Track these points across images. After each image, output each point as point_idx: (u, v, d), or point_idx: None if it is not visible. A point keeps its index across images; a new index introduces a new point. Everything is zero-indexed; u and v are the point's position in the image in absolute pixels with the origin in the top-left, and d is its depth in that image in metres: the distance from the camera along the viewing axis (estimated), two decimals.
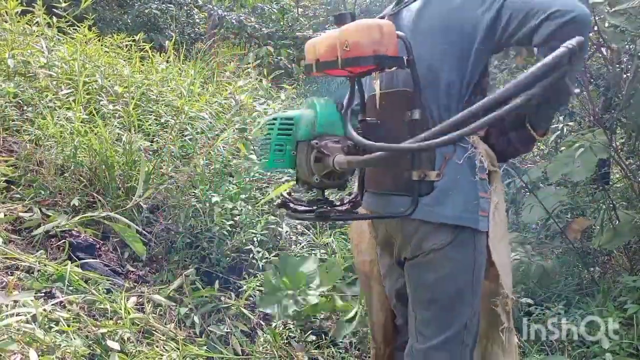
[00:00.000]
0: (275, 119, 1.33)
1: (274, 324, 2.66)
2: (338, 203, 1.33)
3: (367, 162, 1.17)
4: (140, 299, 2.42)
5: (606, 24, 2.20)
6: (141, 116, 3.62)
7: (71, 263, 2.33)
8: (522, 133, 1.30)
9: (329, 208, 1.28)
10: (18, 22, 3.96)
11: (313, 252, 3.22)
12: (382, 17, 1.39)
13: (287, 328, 2.66)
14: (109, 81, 3.82)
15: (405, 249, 1.39)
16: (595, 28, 2.23)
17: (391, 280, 1.56)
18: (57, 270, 2.26)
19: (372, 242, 1.59)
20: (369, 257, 1.63)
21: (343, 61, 1.21)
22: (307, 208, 1.33)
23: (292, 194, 1.40)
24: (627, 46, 2.75)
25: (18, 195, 2.74)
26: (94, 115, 3.16)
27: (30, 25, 4.16)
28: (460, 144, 1.30)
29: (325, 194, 1.36)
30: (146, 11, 7.30)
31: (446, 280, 1.33)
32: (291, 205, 1.34)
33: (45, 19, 4.16)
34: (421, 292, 1.38)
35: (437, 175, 1.27)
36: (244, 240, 2.99)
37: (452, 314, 1.34)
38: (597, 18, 2.17)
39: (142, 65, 4.47)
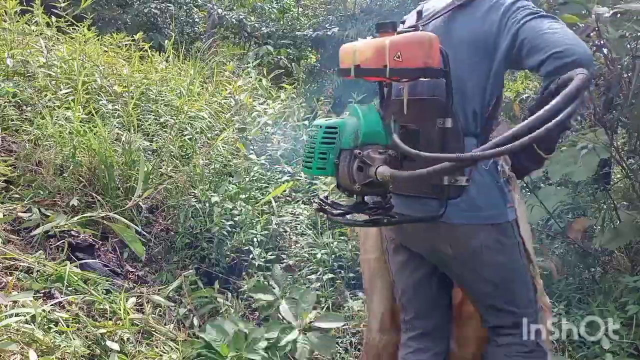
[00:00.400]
0: (319, 126, 1.35)
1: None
2: (376, 207, 1.36)
3: (411, 177, 1.18)
4: (140, 300, 2.42)
5: (608, 33, 2.20)
6: (140, 116, 3.62)
7: (70, 263, 2.32)
8: (530, 154, 1.39)
9: (377, 213, 1.33)
10: (17, 21, 3.96)
11: (313, 252, 3.21)
12: (413, 28, 1.43)
13: None
14: (108, 81, 3.82)
15: (443, 249, 1.47)
16: (596, 28, 2.22)
17: (405, 274, 1.62)
18: (56, 270, 2.25)
19: (377, 240, 1.68)
20: (373, 255, 1.72)
21: (392, 70, 1.26)
22: (349, 213, 1.38)
23: (329, 197, 1.45)
24: (627, 45, 2.74)
25: (17, 195, 2.74)
26: (93, 115, 3.16)
27: (29, 24, 4.16)
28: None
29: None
30: (145, 10, 7.29)
31: (503, 269, 1.47)
32: (329, 209, 1.39)
33: (44, 18, 4.15)
34: (483, 287, 1.49)
35: (467, 180, 1.34)
36: (243, 240, 2.98)
37: (514, 297, 1.49)
38: (599, 24, 2.17)
39: (142, 64, 4.46)
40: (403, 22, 1.56)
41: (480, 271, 1.47)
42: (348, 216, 1.40)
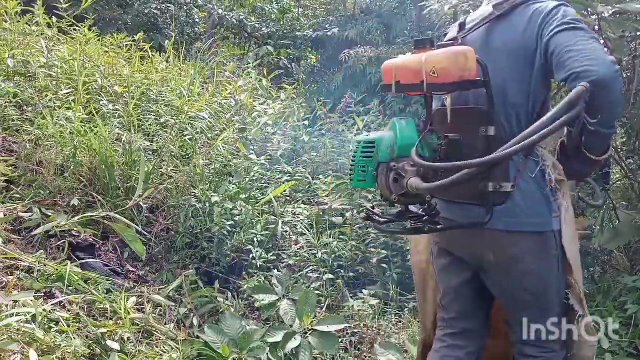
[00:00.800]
0: (359, 142, 1.46)
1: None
2: (423, 214, 1.42)
3: (441, 187, 1.23)
4: (140, 299, 2.42)
5: (609, 32, 2.21)
6: (141, 116, 3.62)
7: (71, 263, 2.33)
8: (582, 158, 1.42)
9: (422, 221, 1.41)
10: (18, 22, 3.96)
11: (313, 252, 3.22)
12: (452, 40, 1.48)
13: None
14: (109, 81, 3.83)
15: (485, 255, 1.50)
16: (598, 27, 2.23)
17: (448, 278, 1.67)
18: (57, 270, 2.26)
19: (428, 243, 1.73)
20: (425, 257, 1.77)
21: (429, 85, 1.32)
22: (394, 222, 1.47)
23: (375, 207, 1.54)
24: (627, 44, 2.74)
25: (18, 195, 2.74)
26: (93, 115, 3.16)
27: (30, 25, 4.17)
28: (531, 157, 1.43)
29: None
30: (146, 11, 7.30)
31: (542, 279, 1.48)
32: (376, 218, 1.48)
33: (45, 19, 4.16)
34: (519, 294, 1.51)
35: (512, 186, 1.36)
36: (244, 240, 2.99)
37: (549, 306, 1.50)
38: (601, 23, 2.18)
39: (142, 65, 4.47)
40: (445, 35, 1.62)
41: (519, 279, 1.48)
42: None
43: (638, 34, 2.41)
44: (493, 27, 1.47)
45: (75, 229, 2.63)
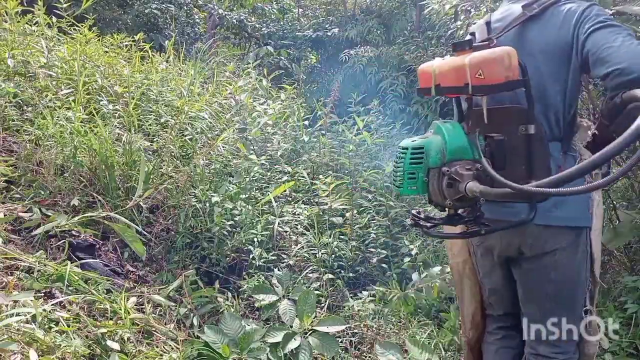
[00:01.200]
0: (405, 148, 1.40)
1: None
2: (471, 218, 1.40)
3: (501, 195, 1.20)
4: (140, 299, 2.42)
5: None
6: (141, 116, 3.63)
7: (71, 263, 2.33)
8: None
9: (477, 224, 1.39)
10: (18, 22, 3.97)
11: (313, 252, 3.22)
12: (487, 41, 1.46)
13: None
14: (109, 81, 3.83)
15: (521, 250, 1.54)
16: None
17: (493, 277, 1.71)
18: (57, 270, 2.26)
19: (463, 245, 1.77)
20: (461, 258, 1.80)
21: (475, 87, 1.32)
22: (440, 224, 1.46)
23: (421, 212, 1.50)
24: None
25: (18, 195, 2.74)
26: (93, 115, 3.17)
27: (30, 25, 4.17)
28: (569, 152, 1.49)
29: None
30: (146, 11, 7.30)
31: (571, 274, 1.52)
32: (423, 223, 1.46)
33: (45, 19, 4.16)
34: (547, 287, 1.54)
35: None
36: (243, 240, 2.99)
37: (574, 300, 1.55)
38: None
39: (142, 65, 4.47)
40: (472, 34, 1.60)
41: (548, 272, 1.52)
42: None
43: (637, 34, 2.41)
44: (525, 28, 1.49)
45: (75, 229, 2.63)
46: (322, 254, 3.19)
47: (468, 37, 1.53)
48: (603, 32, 1.31)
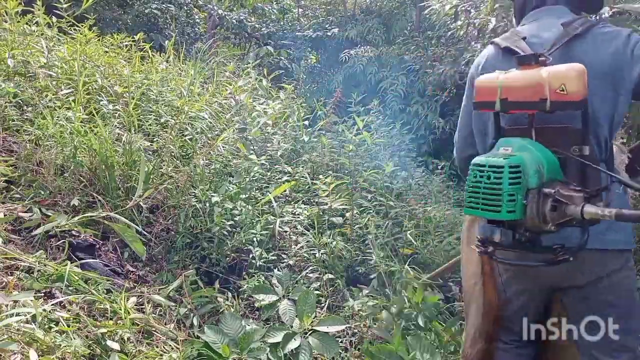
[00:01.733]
0: (500, 167, 1.25)
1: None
2: (560, 245, 1.32)
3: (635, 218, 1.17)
4: (140, 299, 2.42)
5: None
6: (141, 116, 3.63)
7: (71, 263, 2.33)
8: None
9: (566, 251, 1.30)
10: (18, 22, 3.96)
11: (313, 252, 3.22)
12: (540, 57, 1.39)
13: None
14: (109, 81, 3.83)
15: (570, 279, 1.49)
16: None
17: (520, 301, 1.64)
18: (57, 270, 2.26)
19: (478, 268, 1.70)
20: (473, 281, 1.75)
21: (553, 103, 1.27)
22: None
23: (486, 237, 1.38)
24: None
25: (18, 195, 2.74)
26: (93, 115, 3.16)
27: (30, 25, 4.17)
28: (616, 175, 1.45)
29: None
30: (146, 11, 7.30)
31: (627, 296, 1.50)
32: (495, 252, 1.36)
33: (45, 19, 4.16)
34: (607, 311, 1.49)
35: (606, 205, 1.31)
36: (243, 240, 2.99)
37: (633, 323, 1.50)
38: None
39: (142, 65, 4.47)
40: (508, 49, 1.55)
41: (605, 296, 1.48)
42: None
43: (637, 32, 2.41)
44: (570, 47, 1.45)
45: (75, 229, 2.63)
46: (322, 254, 3.19)
47: (503, 50, 1.53)
48: None
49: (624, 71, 1.38)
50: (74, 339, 1.90)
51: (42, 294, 2.14)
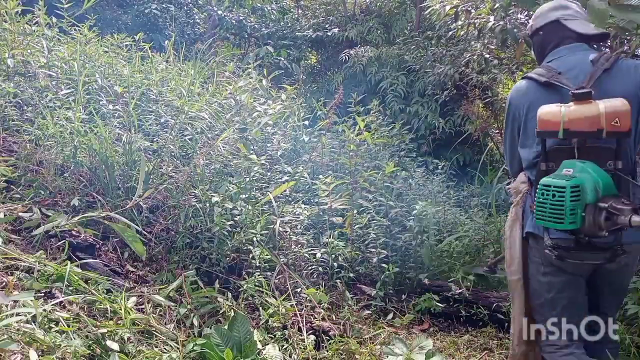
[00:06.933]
0: (563, 187, 1.57)
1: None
2: (615, 244, 1.67)
3: None
4: (140, 299, 2.42)
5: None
6: (141, 116, 3.62)
7: (71, 263, 2.33)
8: None
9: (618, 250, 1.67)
10: (18, 22, 3.96)
11: (313, 252, 3.22)
12: (582, 89, 1.68)
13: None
14: (109, 81, 3.83)
15: (615, 263, 1.73)
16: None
17: (567, 293, 1.86)
18: (57, 270, 2.26)
19: (520, 264, 1.92)
20: (517, 277, 1.93)
21: (609, 133, 1.60)
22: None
23: (551, 239, 1.71)
24: (625, 47, 2.76)
25: (18, 195, 2.74)
26: (93, 115, 3.16)
27: (30, 25, 4.17)
28: (638, 183, 1.73)
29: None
30: (146, 11, 7.30)
31: (629, 277, 1.91)
32: (562, 252, 1.68)
33: (45, 19, 4.16)
34: (625, 284, 1.90)
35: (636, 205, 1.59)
36: (243, 240, 2.99)
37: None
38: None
39: (142, 65, 4.47)
40: (548, 84, 1.81)
41: (622, 281, 1.86)
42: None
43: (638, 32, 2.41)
44: (600, 80, 1.73)
45: (75, 229, 2.62)
46: (322, 253, 3.19)
47: (542, 84, 1.81)
48: None
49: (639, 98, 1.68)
50: (74, 339, 1.90)
51: (42, 294, 2.14)
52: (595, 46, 1.93)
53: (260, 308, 2.72)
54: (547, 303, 1.88)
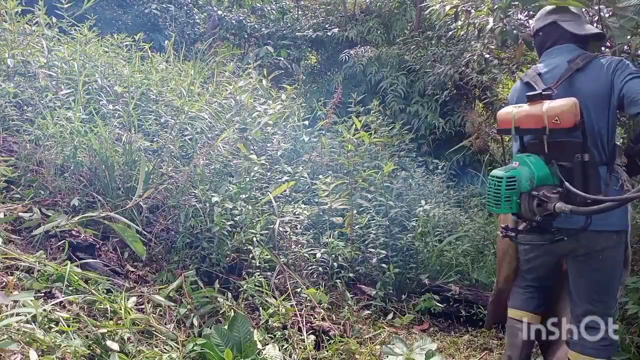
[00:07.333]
0: (501, 177, 1.82)
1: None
2: (556, 229, 1.89)
3: (589, 212, 1.66)
4: (140, 299, 2.42)
5: (609, 22, 2.24)
6: (141, 116, 3.62)
7: (71, 263, 2.33)
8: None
9: (555, 233, 1.88)
10: (18, 22, 3.96)
11: (313, 252, 3.22)
12: (548, 91, 1.89)
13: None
14: (109, 81, 3.83)
15: (575, 251, 1.97)
16: (598, 18, 2.25)
17: (535, 263, 2.19)
18: (57, 270, 2.26)
19: (508, 242, 2.19)
20: (506, 246, 2.28)
21: (551, 130, 1.79)
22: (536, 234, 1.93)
23: (509, 226, 2.00)
24: (625, 47, 2.76)
25: (18, 195, 2.74)
26: (93, 115, 3.16)
27: (30, 25, 4.16)
28: (613, 174, 1.91)
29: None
30: (146, 11, 7.30)
31: (612, 267, 1.96)
32: (512, 234, 1.95)
33: (45, 19, 4.16)
34: (594, 275, 1.97)
35: (604, 196, 1.76)
36: (243, 240, 2.99)
37: (612, 286, 1.98)
38: (599, 15, 2.20)
39: (142, 65, 4.47)
40: (528, 84, 2.04)
41: (597, 265, 1.94)
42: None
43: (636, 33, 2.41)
44: (573, 79, 1.92)
45: (75, 229, 2.62)
46: (322, 253, 3.19)
47: (526, 87, 2.02)
48: (635, 81, 1.77)
49: (611, 93, 1.85)
50: (74, 339, 1.90)
51: (42, 294, 2.14)
52: (582, 46, 2.06)
53: (260, 308, 2.72)
54: (524, 271, 2.26)
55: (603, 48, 2.74)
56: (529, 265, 2.23)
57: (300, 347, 2.48)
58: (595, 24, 2.38)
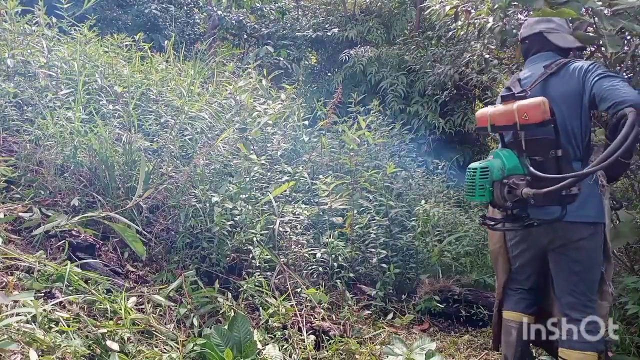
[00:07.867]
0: (475, 168, 1.99)
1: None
2: (525, 216, 2.03)
3: (545, 192, 1.79)
4: (140, 299, 2.42)
5: (604, 29, 2.23)
6: (141, 116, 3.62)
7: (71, 263, 2.33)
8: (618, 165, 1.94)
9: (527, 220, 2.02)
10: (18, 22, 3.96)
11: (313, 252, 3.22)
12: (523, 93, 2.03)
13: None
14: (109, 81, 3.83)
15: (553, 242, 2.09)
16: (593, 24, 2.24)
17: (522, 259, 2.29)
18: (57, 270, 2.26)
19: (501, 236, 2.36)
20: (498, 245, 2.38)
21: (522, 126, 1.94)
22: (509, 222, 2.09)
23: (486, 214, 2.21)
24: (625, 48, 2.76)
25: (18, 195, 2.74)
26: (93, 115, 3.16)
27: (30, 25, 4.16)
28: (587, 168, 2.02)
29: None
30: (146, 11, 7.30)
31: (590, 258, 2.05)
32: (490, 222, 2.15)
33: (45, 19, 4.16)
34: (573, 266, 2.07)
35: (579, 189, 1.88)
36: (243, 240, 2.99)
37: (592, 276, 2.07)
38: (596, 19, 2.20)
39: (142, 65, 4.47)
40: (509, 88, 2.15)
41: (574, 256, 2.05)
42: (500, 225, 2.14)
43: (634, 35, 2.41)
44: (547, 82, 2.08)
45: (75, 229, 2.62)
46: (322, 253, 3.19)
47: (506, 90, 2.12)
48: (604, 80, 1.88)
49: (582, 94, 1.98)
50: (74, 339, 1.90)
51: (42, 294, 2.14)
52: (564, 55, 2.21)
53: (260, 308, 2.72)
54: (515, 271, 2.36)
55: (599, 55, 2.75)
56: (518, 263, 2.32)
57: (300, 347, 2.48)
58: (587, 31, 2.40)
